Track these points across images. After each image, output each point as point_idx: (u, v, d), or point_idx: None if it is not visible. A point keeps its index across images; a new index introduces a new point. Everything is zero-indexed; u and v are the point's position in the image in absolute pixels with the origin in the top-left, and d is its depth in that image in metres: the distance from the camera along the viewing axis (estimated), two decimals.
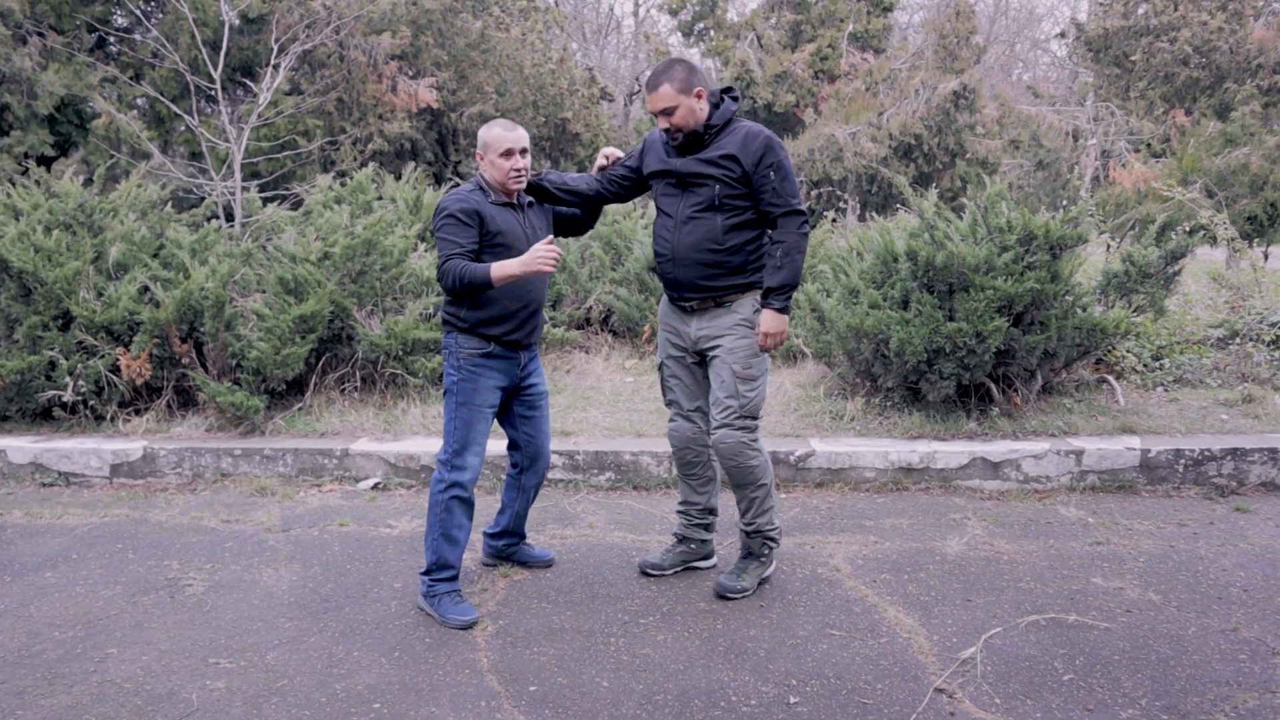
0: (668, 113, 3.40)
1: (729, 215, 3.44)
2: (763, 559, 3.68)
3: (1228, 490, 4.82)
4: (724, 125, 3.46)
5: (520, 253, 3.39)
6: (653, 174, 3.61)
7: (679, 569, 3.86)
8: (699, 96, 3.41)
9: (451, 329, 3.50)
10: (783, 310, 3.43)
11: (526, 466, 3.79)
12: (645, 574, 3.83)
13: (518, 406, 3.69)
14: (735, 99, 3.52)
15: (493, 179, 3.46)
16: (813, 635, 3.30)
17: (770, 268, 3.43)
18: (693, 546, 3.87)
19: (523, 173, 3.46)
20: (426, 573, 3.50)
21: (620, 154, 3.77)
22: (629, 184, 3.72)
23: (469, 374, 3.45)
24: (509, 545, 3.94)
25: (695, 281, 3.50)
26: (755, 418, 3.54)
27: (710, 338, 3.53)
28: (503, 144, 3.41)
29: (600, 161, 3.77)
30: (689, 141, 3.46)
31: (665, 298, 3.70)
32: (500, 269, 3.28)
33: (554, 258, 3.26)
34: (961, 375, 5.16)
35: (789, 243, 3.41)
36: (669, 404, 3.76)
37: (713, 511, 3.85)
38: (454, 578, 3.49)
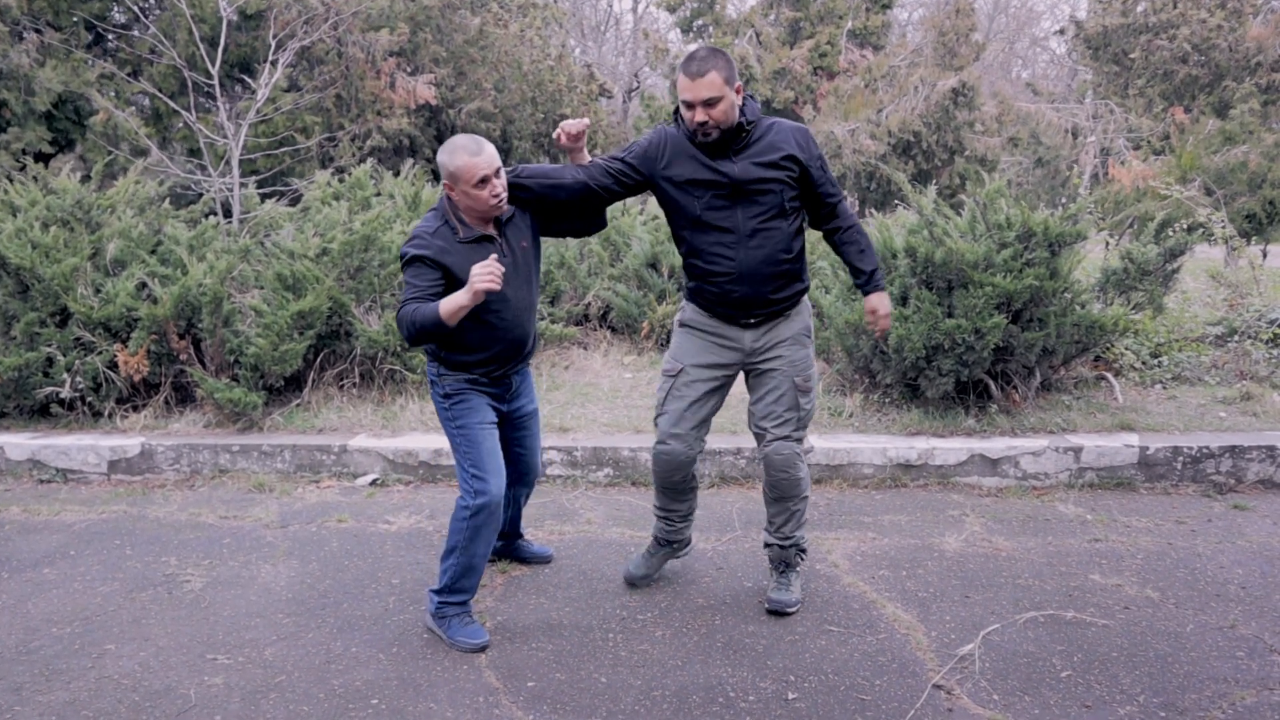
0: (710, 104, 3.04)
1: (792, 220, 3.24)
2: (798, 569, 3.58)
3: (1226, 488, 4.82)
4: (758, 122, 3.21)
5: (506, 291, 3.13)
6: (693, 183, 3.19)
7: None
8: (739, 92, 3.12)
9: (432, 359, 3.28)
10: (886, 290, 3.41)
11: (516, 481, 3.64)
12: (633, 586, 3.67)
13: (507, 429, 3.52)
14: (752, 97, 3.31)
15: (468, 209, 3.10)
16: (811, 631, 3.30)
17: (855, 253, 3.35)
18: (673, 546, 3.70)
19: (502, 195, 3.07)
20: (438, 591, 3.30)
21: (580, 127, 3.22)
22: (627, 182, 3.27)
23: (459, 399, 3.26)
24: (506, 545, 3.92)
25: (767, 296, 3.25)
26: (806, 429, 3.42)
27: (768, 347, 3.32)
28: (475, 172, 3.00)
29: (559, 140, 3.26)
30: (722, 142, 3.13)
31: (700, 306, 3.36)
32: (447, 305, 2.91)
33: (492, 275, 2.84)
34: (960, 372, 5.16)
35: (859, 225, 3.36)
36: (663, 415, 3.36)
37: (692, 511, 3.64)
38: (466, 601, 3.31)
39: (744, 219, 3.18)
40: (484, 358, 3.22)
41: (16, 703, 2.89)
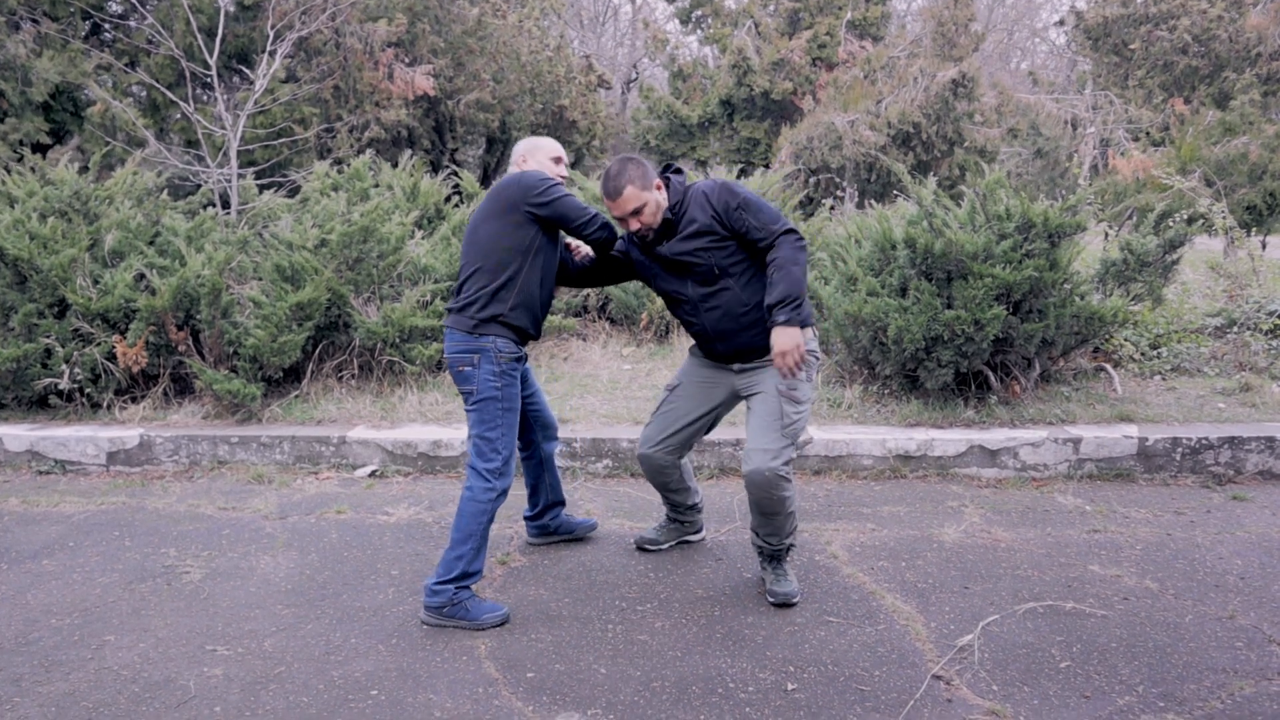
0: (637, 213, 3.31)
1: (740, 275, 3.36)
2: (789, 560, 3.64)
3: (1225, 479, 4.82)
4: (680, 202, 3.38)
5: (557, 253, 3.50)
6: (643, 263, 3.53)
7: (674, 543, 3.98)
8: (659, 189, 3.35)
9: (489, 332, 3.33)
10: (789, 323, 3.17)
11: (541, 438, 3.83)
12: (642, 549, 3.94)
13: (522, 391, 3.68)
14: (679, 171, 3.45)
15: None
16: (810, 622, 3.31)
17: (768, 287, 3.25)
18: (685, 524, 3.99)
19: (565, 179, 3.53)
20: (449, 581, 3.29)
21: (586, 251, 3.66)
22: (622, 263, 3.62)
23: (509, 379, 3.35)
24: (554, 517, 4.00)
25: (742, 349, 3.43)
26: (794, 444, 3.39)
27: (754, 370, 3.47)
28: (556, 150, 3.55)
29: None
30: (659, 236, 3.39)
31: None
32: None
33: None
34: (959, 363, 5.16)
35: (781, 257, 3.24)
36: (647, 428, 3.69)
37: (697, 504, 3.94)
38: (471, 585, 3.35)
39: (692, 289, 3.42)
40: (540, 311, 3.46)
41: (16, 694, 2.89)
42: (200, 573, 3.79)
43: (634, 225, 3.35)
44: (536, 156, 3.52)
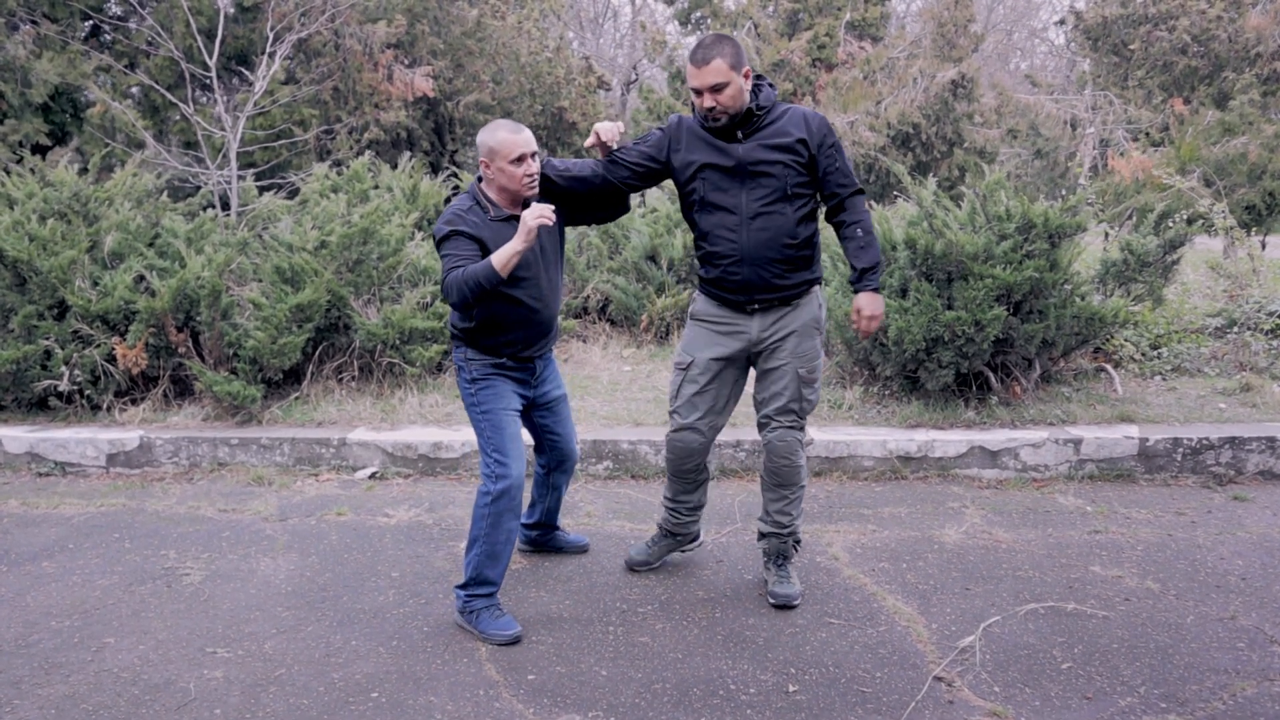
0: (717, 90, 3.13)
1: (799, 206, 3.26)
2: (794, 561, 3.60)
3: (1225, 479, 4.82)
4: (771, 108, 3.27)
5: (530, 268, 3.22)
6: (700, 166, 3.27)
7: (664, 561, 3.83)
8: (747, 76, 3.19)
9: (460, 343, 3.34)
10: (879, 290, 3.33)
11: (554, 467, 3.74)
12: (633, 570, 3.76)
13: (537, 415, 3.59)
14: (771, 86, 3.30)
15: (501, 188, 3.22)
16: (811, 624, 3.30)
17: (854, 249, 3.29)
18: (678, 538, 3.76)
19: (535, 177, 3.21)
20: (463, 587, 3.32)
21: (615, 130, 3.38)
22: (642, 171, 3.37)
23: (484, 384, 3.31)
24: (543, 535, 3.95)
25: (770, 281, 3.27)
26: (806, 417, 3.44)
27: (776, 337, 3.35)
28: (514, 149, 3.15)
29: (591, 140, 3.38)
30: (731, 126, 3.21)
31: (709, 295, 3.41)
32: (500, 255, 3.00)
33: (543, 214, 2.99)
34: (960, 364, 5.15)
35: (865, 221, 3.30)
36: (678, 411, 3.44)
37: (701, 505, 3.70)
38: (493, 593, 3.31)
39: (747, 200, 3.24)
40: (513, 338, 3.31)
41: (15, 696, 2.88)
42: (200, 575, 3.78)
43: (708, 102, 3.15)
44: (496, 163, 3.18)
